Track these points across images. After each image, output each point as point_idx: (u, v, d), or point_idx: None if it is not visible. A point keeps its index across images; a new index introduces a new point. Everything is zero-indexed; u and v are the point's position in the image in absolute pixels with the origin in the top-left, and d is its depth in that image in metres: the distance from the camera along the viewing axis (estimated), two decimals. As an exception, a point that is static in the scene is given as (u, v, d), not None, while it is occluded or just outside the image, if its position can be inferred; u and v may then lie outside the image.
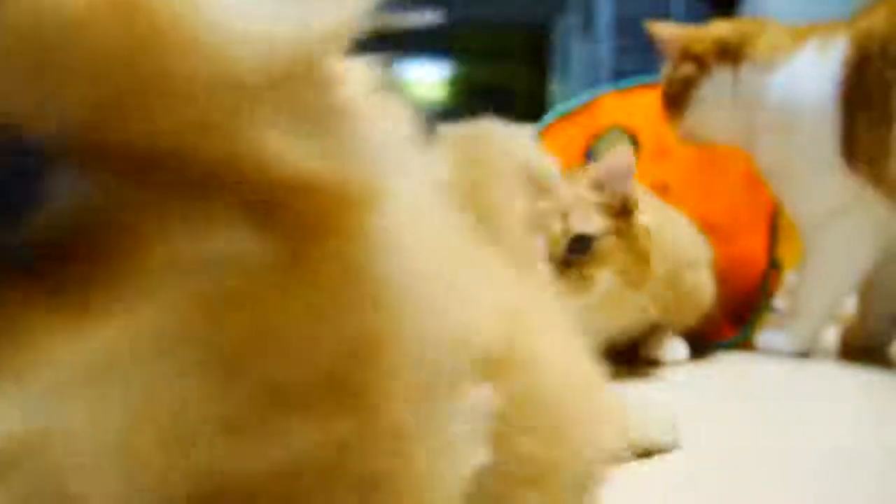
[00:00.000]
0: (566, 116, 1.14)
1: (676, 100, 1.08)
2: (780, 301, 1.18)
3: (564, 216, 0.84)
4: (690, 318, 0.99)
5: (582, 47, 2.86)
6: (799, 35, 1.04)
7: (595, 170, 0.89)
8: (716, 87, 1.06)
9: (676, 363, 0.96)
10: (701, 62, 1.07)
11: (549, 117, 1.17)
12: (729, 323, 1.09)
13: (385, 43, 0.21)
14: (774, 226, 1.11)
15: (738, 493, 0.50)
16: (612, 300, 0.86)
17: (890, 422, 0.72)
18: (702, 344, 1.01)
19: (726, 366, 0.98)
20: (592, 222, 0.85)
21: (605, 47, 2.54)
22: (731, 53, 1.06)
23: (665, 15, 2.41)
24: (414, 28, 0.21)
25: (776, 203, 1.10)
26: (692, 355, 0.99)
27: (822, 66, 0.99)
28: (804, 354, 1.01)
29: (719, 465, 0.56)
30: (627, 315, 0.90)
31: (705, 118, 1.07)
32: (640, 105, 1.13)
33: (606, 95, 1.17)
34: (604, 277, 0.84)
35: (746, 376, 0.91)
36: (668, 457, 0.57)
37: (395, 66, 0.22)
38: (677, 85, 1.08)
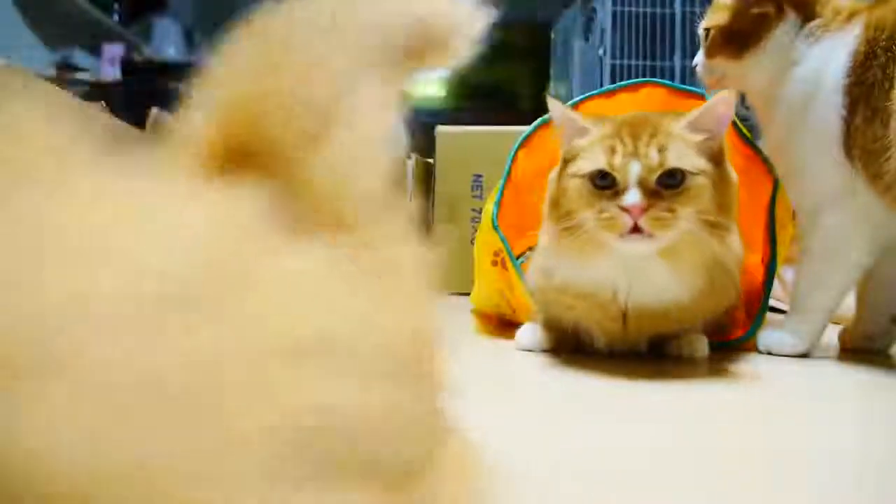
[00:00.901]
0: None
1: (741, 38, 1.02)
2: (779, 301, 1.18)
3: (662, 149, 0.85)
4: (720, 309, 0.98)
5: (582, 47, 2.85)
6: (853, 13, 0.98)
7: (696, 112, 0.88)
8: (781, 38, 1.00)
9: (703, 359, 0.97)
10: (779, 4, 1.01)
11: (538, 122, 1.17)
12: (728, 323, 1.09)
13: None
14: (772, 224, 1.10)
15: (738, 493, 0.50)
16: (687, 244, 0.85)
17: (890, 422, 0.72)
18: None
19: (726, 366, 0.97)
20: (688, 159, 0.86)
21: (605, 47, 2.54)
22: (804, 5, 1.00)
23: (666, 15, 2.40)
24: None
25: (772, 200, 1.09)
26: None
27: (841, 53, 0.95)
28: (804, 354, 1.01)
29: (719, 465, 0.56)
30: (697, 268, 0.87)
31: (761, 69, 1.02)
32: (623, 107, 1.12)
33: (591, 98, 1.16)
34: (687, 215, 0.84)
35: (746, 376, 0.90)
36: (667, 456, 0.57)
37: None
38: (748, 23, 1.01)
